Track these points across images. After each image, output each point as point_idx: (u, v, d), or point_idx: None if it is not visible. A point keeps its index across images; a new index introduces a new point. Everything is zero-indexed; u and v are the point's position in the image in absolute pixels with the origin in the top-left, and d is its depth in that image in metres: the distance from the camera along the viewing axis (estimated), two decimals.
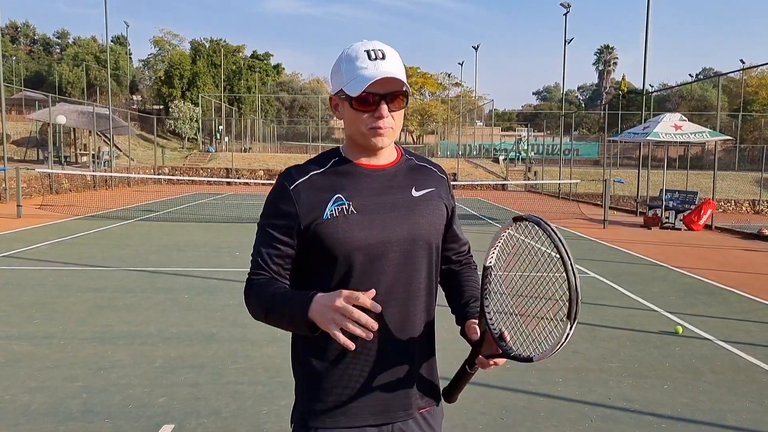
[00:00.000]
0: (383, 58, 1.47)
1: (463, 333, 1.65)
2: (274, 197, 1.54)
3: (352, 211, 1.49)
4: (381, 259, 1.49)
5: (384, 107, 1.47)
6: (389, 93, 1.46)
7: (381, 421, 1.54)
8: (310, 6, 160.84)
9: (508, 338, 1.50)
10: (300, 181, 1.52)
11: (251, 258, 1.58)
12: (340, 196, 1.50)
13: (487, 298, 1.55)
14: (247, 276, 1.58)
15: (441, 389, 1.67)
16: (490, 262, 1.55)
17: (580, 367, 4.85)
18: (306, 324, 1.39)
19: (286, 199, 1.51)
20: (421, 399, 1.61)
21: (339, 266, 1.49)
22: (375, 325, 1.33)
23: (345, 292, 1.34)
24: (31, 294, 6.85)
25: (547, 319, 1.46)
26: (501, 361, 1.51)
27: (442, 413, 1.70)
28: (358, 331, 1.31)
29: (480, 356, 1.53)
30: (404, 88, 1.48)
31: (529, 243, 1.51)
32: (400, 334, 1.54)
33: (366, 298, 1.33)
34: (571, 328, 1.36)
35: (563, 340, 1.37)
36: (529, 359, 1.43)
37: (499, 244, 1.55)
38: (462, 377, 1.60)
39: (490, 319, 1.53)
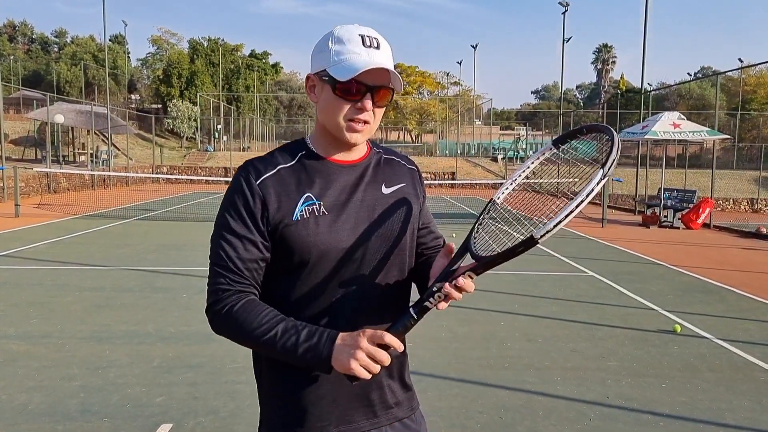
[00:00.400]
0: (377, 47, 1.36)
1: (422, 285, 1.49)
2: (238, 192, 1.37)
3: (323, 211, 1.39)
4: (353, 261, 1.40)
5: (368, 101, 1.36)
6: (377, 86, 1.36)
7: (350, 430, 1.46)
8: (307, 5, 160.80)
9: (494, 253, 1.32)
10: (267, 175, 1.39)
11: (213, 263, 1.39)
12: (310, 195, 1.39)
13: (477, 231, 1.43)
14: (211, 287, 1.38)
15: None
16: (498, 198, 1.46)
17: (578, 366, 4.85)
18: (326, 366, 1.28)
19: (253, 194, 1.36)
20: (398, 408, 1.52)
21: (308, 270, 1.39)
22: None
23: (368, 331, 1.26)
24: (29, 293, 6.84)
25: (558, 200, 1.33)
26: (470, 285, 1.29)
27: (423, 417, 1.62)
28: (376, 369, 1.25)
29: (444, 283, 1.31)
30: (391, 84, 1.38)
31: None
32: None
33: (393, 338, 1.26)
34: (602, 178, 1.22)
35: (585, 196, 1.19)
36: (529, 240, 1.23)
37: (525, 173, 1.46)
38: (402, 329, 1.32)
39: (474, 241, 1.40)
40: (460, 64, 77.92)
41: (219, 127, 44.85)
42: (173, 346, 5.09)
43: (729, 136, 27.78)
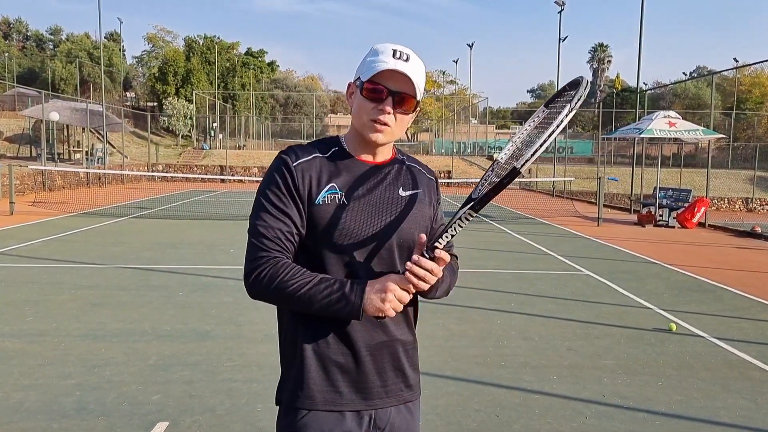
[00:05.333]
0: (406, 60, 1.52)
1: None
2: (278, 171, 1.54)
3: (343, 201, 1.54)
4: (363, 247, 1.55)
5: (389, 103, 1.51)
6: (399, 92, 1.51)
7: (360, 407, 1.58)
8: (302, 3, 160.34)
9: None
10: (303, 160, 1.56)
11: (252, 233, 1.53)
12: (334, 185, 1.55)
13: (479, 187, 1.57)
14: (249, 256, 1.52)
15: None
16: (502, 158, 1.58)
17: (574, 365, 4.86)
18: (357, 313, 1.45)
19: (291, 173, 1.53)
20: (405, 390, 1.65)
21: (325, 249, 1.54)
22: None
23: (392, 276, 1.46)
24: (24, 291, 6.81)
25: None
26: (441, 259, 1.47)
27: (420, 405, 1.76)
28: (399, 308, 1.46)
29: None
30: (414, 94, 1.52)
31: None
32: (380, 324, 1.58)
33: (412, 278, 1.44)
34: (569, 112, 1.41)
35: (555, 126, 1.39)
36: (512, 171, 1.40)
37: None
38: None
39: (473, 194, 1.55)
40: (456, 62, 77.65)
41: (215, 125, 44.72)
42: (169, 344, 5.08)
43: (724, 136, 27.90)
